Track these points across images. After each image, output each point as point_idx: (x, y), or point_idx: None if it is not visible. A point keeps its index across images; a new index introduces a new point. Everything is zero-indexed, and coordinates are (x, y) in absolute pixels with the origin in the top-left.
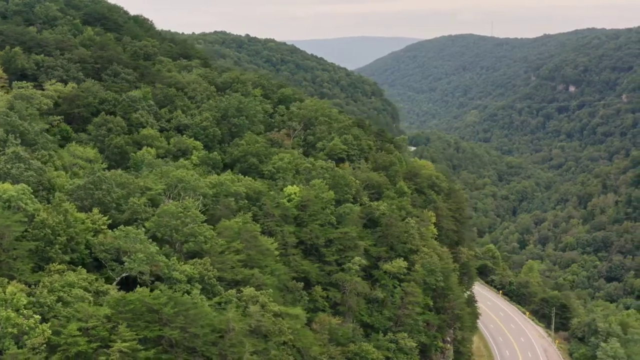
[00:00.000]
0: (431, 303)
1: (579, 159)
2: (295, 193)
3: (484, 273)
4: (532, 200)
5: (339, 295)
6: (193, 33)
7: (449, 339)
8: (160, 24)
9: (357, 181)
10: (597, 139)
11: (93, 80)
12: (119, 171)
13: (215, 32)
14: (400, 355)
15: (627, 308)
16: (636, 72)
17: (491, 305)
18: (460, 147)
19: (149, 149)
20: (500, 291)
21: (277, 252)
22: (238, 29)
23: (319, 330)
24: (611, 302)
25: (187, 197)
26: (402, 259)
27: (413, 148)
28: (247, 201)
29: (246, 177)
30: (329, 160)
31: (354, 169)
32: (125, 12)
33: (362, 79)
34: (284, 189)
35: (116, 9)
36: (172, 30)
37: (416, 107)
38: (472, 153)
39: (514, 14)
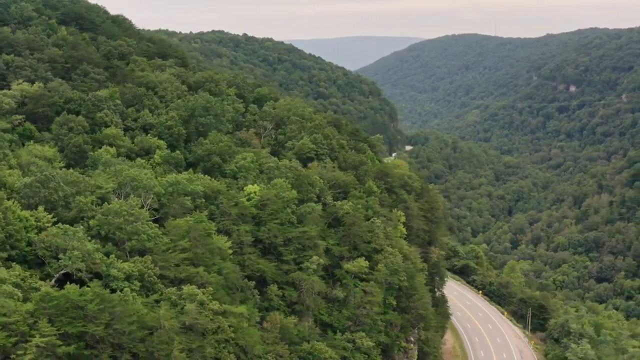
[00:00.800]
0: (394, 303)
1: (578, 159)
2: (255, 192)
3: (465, 273)
4: (528, 200)
5: (295, 294)
6: (191, 32)
7: (412, 339)
8: (158, 24)
9: (322, 180)
10: (597, 139)
11: (61, 79)
12: (71, 170)
13: (213, 32)
14: (357, 354)
15: (616, 309)
16: (636, 72)
17: (470, 305)
18: (458, 147)
19: (108, 148)
20: (480, 291)
21: (230, 251)
22: (239, 29)
23: (270, 329)
24: (600, 303)
25: (132, 196)
26: (365, 258)
27: (410, 147)
28: (204, 200)
29: (206, 176)
30: (294, 160)
31: (321, 168)
32: (105, 12)
33: (360, 78)
34: (245, 188)
35: (95, 8)
36: (170, 29)
37: (418, 107)
38: (470, 153)
39: (517, 14)
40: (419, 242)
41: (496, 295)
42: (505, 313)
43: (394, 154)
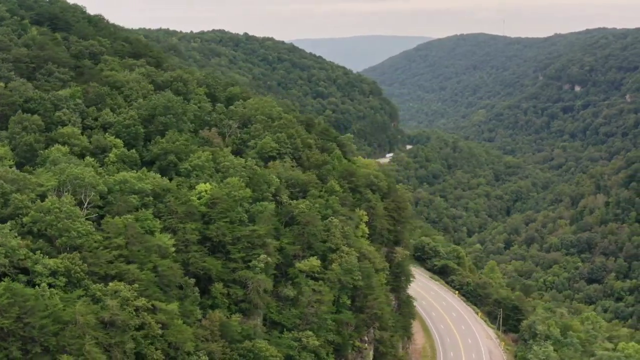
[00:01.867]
0: (349, 302)
1: (579, 159)
2: (205, 191)
3: (445, 273)
4: (527, 200)
5: (241, 292)
6: (191, 31)
7: (367, 338)
8: (161, 23)
9: (278, 179)
10: (599, 139)
11: (25, 79)
12: (13, 168)
13: (214, 31)
14: (304, 353)
15: (605, 310)
16: None
17: (446, 306)
18: (458, 147)
19: (59, 146)
20: (457, 291)
21: (173, 249)
22: (250, 28)
23: (209, 327)
24: (590, 304)
25: (67, 194)
26: (320, 257)
27: (409, 147)
28: (152, 198)
29: (158, 174)
30: (254, 159)
31: (281, 167)
32: (82, 12)
33: (360, 77)
34: (196, 187)
35: (71, 9)
36: (172, 28)
37: (425, 107)
38: (469, 153)
39: (527, 13)
40: (382, 242)
41: (473, 296)
42: (480, 313)
43: (388, 155)
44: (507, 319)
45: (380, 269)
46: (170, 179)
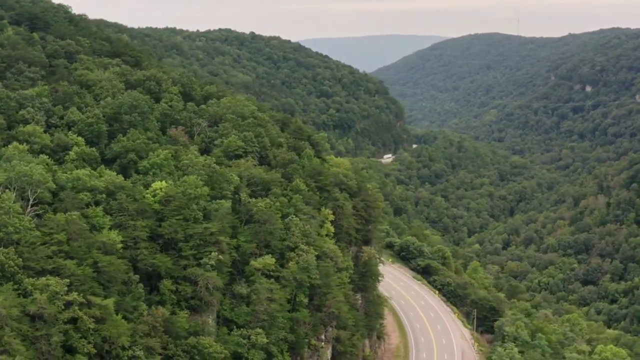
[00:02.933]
0: (306, 301)
1: (586, 159)
2: (160, 189)
3: (428, 273)
4: (530, 201)
5: (190, 289)
6: (198, 30)
7: (323, 337)
8: (173, 22)
9: (238, 178)
10: (608, 140)
11: None
12: None
13: (220, 30)
14: (253, 351)
15: (599, 312)
16: None
17: (424, 305)
18: (463, 147)
19: (17, 144)
20: (437, 291)
21: (120, 245)
22: (264, 27)
23: (151, 322)
24: (584, 306)
25: (8, 190)
26: (275, 255)
27: (415, 146)
28: (105, 196)
29: (113, 172)
30: (209, 157)
31: (244, 166)
32: (66, 12)
33: (366, 77)
34: (152, 185)
35: (53, 8)
36: (179, 27)
37: (438, 106)
38: (475, 152)
39: (546, 13)
40: (350, 241)
41: (453, 296)
42: (457, 314)
43: (386, 156)
44: (484, 319)
45: (343, 268)
46: (127, 177)
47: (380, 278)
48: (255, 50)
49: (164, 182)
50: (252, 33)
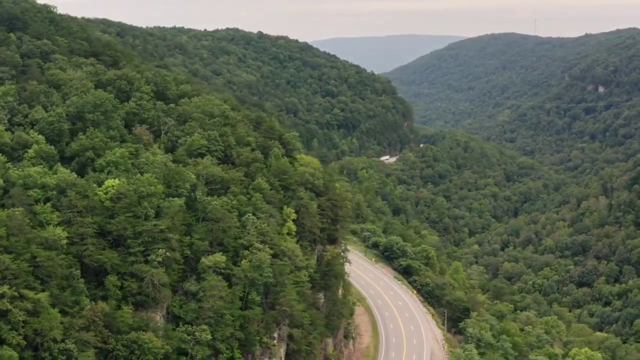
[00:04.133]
0: (259, 299)
1: (595, 160)
2: (112, 186)
3: (408, 273)
4: (535, 202)
5: (135, 285)
6: (205, 30)
7: (276, 335)
8: (186, 22)
9: (195, 176)
10: (618, 141)
11: None
12: None
13: (227, 29)
14: (198, 347)
15: (592, 315)
16: None
17: (401, 306)
18: (469, 147)
19: None
20: (415, 292)
21: (64, 241)
22: (280, 27)
23: (90, 317)
24: (577, 308)
25: None
26: (230, 253)
27: (422, 146)
28: (56, 192)
29: (66, 169)
30: (161, 155)
31: (202, 165)
32: (49, 12)
33: (374, 76)
34: (105, 182)
35: (35, 9)
36: (187, 27)
37: (453, 106)
38: (481, 153)
39: (563, 13)
40: (314, 240)
41: (431, 297)
42: (431, 314)
43: (385, 157)
44: (458, 320)
45: (302, 266)
46: (84, 175)
47: (346, 277)
48: (261, 49)
49: (116, 179)
50: (260, 32)
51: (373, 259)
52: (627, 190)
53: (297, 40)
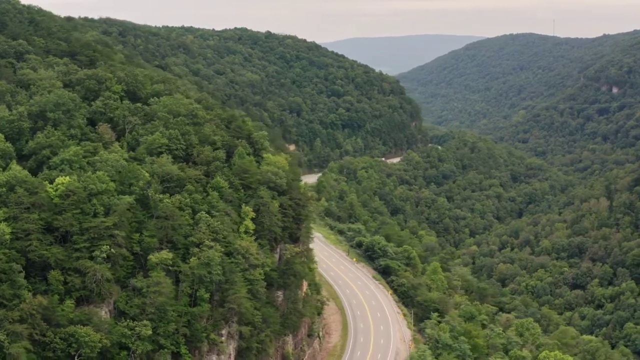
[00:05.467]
0: (207, 296)
1: (605, 161)
2: (62, 183)
3: (387, 273)
4: (540, 203)
5: (78, 280)
6: (213, 29)
7: (224, 332)
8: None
9: (148, 174)
10: (629, 142)
11: None
12: None
13: (235, 29)
14: (138, 342)
15: (583, 318)
16: None
17: (374, 305)
18: (477, 147)
19: None
20: (390, 291)
21: (8, 236)
22: (301, 27)
23: (27, 310)
24: (569, 311)
25: None
26: (169, 250)
27: (430, 146)
28: (6, 189)
29: (34, 168)
30: (115, 154)
31: (157, 163)
32: (31, 12)
33: (381, 76)
34: (56, 180)
35: (16, 9)
36: (195, 26)
37: (469, 107)
38: (488, 153)
39: (582, 12)
40: (274, 238)
41: (405, 297)
42: (401, 314)
43: (382, 158)
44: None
45: (257, 265)
46: (39, 173)
47: (316, 277)
48: (268, 49)
49: (67, 177)
50: (268, 32)
51: (354, 259)
52: (628, 191)
53: (305, 40)
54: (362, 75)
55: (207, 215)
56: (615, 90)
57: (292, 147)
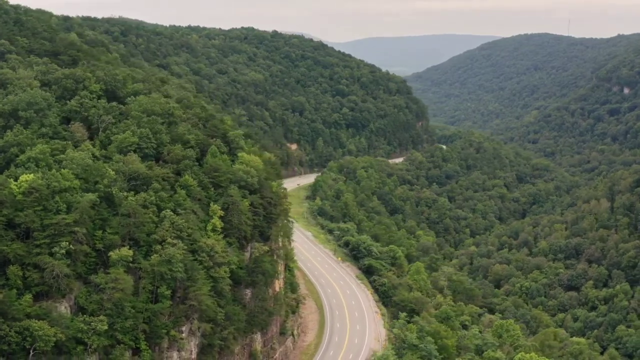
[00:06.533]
0: (169, 293)
1: (613, 163)
2: (26, 180)
3: (370, 272)
4: (544, 203)
5: (37, 275)
6: (220, 29)
7: (184, 329)
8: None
9: (114, 172)
10: (637, 143)
11: None
12: None
13: (242, 28)
14: (95, 337)
15: (576, 320)
16: None
17: (354, 305)
18: (482, 147)
19: None
20: (370, 291)
21: None
22: (320, 27)
23: None
24: (563, 312)
25: None
26: (133, 247)
27: (435, 145)
28: None
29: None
30: (82, 152)
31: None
32: (18, 13)
33: (388, 76)
34: (21, 177)
35: (2, 9)
36: (202, 26)
37: (482, 107)
38: (494, 153)
39: (599, 12)
40: (244, 237)
41: (385, 297)
42: (378, 314)
43: (384, 157)
44: (406, 321)
45: (223, 262)
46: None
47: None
48: (273, 48)
49: (31, 174)
50: (274, 31)
51: (339, 258)
52: (629, 192)
53: (311, 40)
54: (368, 74)
55: (172, 213)
56: (626, 90)
57: (294, 147)
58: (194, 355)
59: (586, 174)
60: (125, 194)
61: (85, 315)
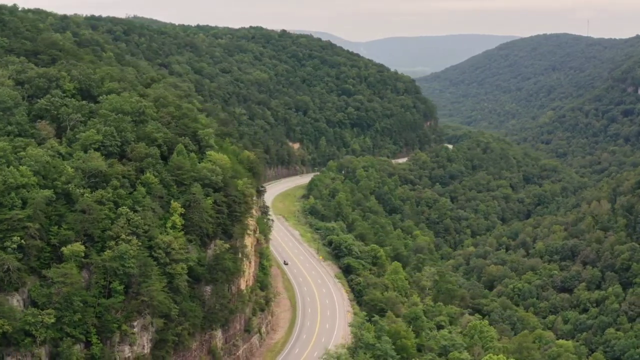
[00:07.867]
0: (121, 288)
1: (623, 164)
2: None
3: (349, 271)
4: (549, 204)
5: None
6: (227, 27)
7: (136, 324)
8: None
9: (72, 170)
10: None
11: None
12: None
13: (251, 27)
14: (43, 330)
15: (566, 322)
16: None
17: (328, 303)
18: (489, 148)
19: None
20: (344, 289)
21: None
22: (342, 26)
23: None
24: (554, 314)
25: None
26: (86, 243)
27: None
28: None
29: None
30: (41, 149)
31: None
32: (2, 12)
33: (396, 76)
34: None
35: None
36: (212, 24)
37: (499, 107)
38: (502, 154)
39: (619, 12)
40: (206, 234)
41: (360, 296)
42: (350, 312)
43: (389, 157)
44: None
45: (180, 259)
46: None
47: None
48: (280, 48)
49: None
50: (283, 31)
51: (321, 257)
52: (630, 194)
53: (320, 39)
54: (376, 74)
55: (129, 210)
56: None
57: (296, 146)
58: (146, 350)
59: (595, 175)
60: (82, 190)
61: (33, 308)
